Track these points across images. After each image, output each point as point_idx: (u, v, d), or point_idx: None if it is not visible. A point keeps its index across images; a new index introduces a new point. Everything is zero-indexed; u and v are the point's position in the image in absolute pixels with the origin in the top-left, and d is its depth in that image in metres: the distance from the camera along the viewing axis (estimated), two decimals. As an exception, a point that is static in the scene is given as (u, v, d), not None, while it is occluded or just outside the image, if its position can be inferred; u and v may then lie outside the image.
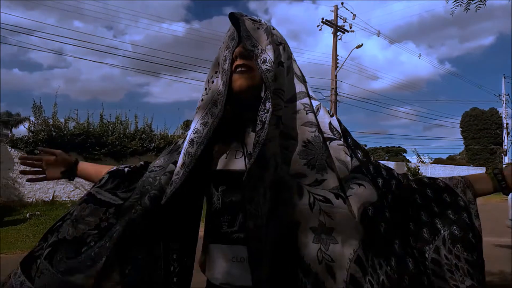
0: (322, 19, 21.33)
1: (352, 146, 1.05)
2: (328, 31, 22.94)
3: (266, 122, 0.91)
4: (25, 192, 11.98)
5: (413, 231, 1.00)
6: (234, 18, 1.02)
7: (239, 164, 1.03)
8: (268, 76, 0.95)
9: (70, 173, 1.35)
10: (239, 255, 0.98)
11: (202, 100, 1.06)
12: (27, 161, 1.41)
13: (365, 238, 0.92)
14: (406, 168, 25.30)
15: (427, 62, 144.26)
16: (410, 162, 29.50)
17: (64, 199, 12.50)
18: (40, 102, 12.70)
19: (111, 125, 13.50)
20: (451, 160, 42.10)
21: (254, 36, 0.99)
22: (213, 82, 1.05)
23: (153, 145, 13.70)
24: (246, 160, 1.02)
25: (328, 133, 1.02)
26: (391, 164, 25.39)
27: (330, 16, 21.61)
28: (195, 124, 1.04)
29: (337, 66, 21.10)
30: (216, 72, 1.05)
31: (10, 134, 20.17)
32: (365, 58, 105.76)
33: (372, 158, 1.07)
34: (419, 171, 25.32)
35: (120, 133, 13.37)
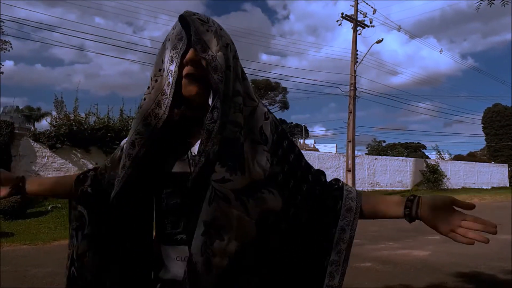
0: (342, 14, 21.12)
1: (287, 149, 1.08)
2: (347, 26, 22.70)
3: (214, 132, 0.93)
4: (47, 185, 12.23)
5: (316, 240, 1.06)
6: (183, 19, 0.99)
7: (183, 166, 1.04)
8: (219, 87, 0.94)
9: (17, 191, 1.25)
10: (182, 256, 1.01)
11: (144, 99, 1.03)
12: None
13: (252, 242, 0.96)
14: (425, 165, 24.96)
15: (448, 57, 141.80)
16: (429, 158, 29.06)
17: (84, 192, 12.71)
18: (62, 97, 12.99)
19: (131, 120, 13.66)
20: (472, 157, 41.26)
21: (205, 39, 0.96)
22: (156, 81, 1.02)
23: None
24: (191, 162, 1.03)
25: (256, 137, 1.02)
26: (410, 161, 25.06)
27: (350, 11, 21.39)
28: (136, 125, 1.02)
29: (357, 61, 20.87)
30: (160, 70, 1.02)
31: (32, 128, 20.59)
32: (384, 53, 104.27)
33: (303, 163, 1.11)
34: (439, 168, 24.94)
35: (139, 127, 13.50)
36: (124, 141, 1.11)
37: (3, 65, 19.73)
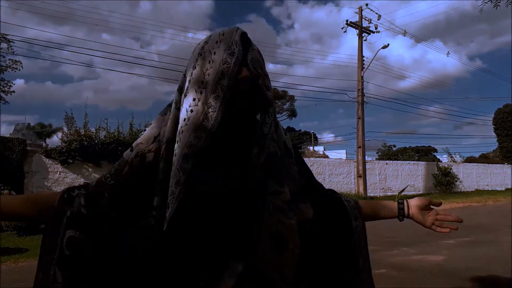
0: (347, 21, 21.17)
1: (299, 163, 1.12)
2: (352, 32, 22.77)
3: (265, 146, 0.98)
4: (60, 200, 12.35)
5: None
6: (246, 39, 1.00)
7: (230, 184, 0.98)
8: (272, 103, 1.01)
9: None
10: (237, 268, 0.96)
11: (191, 111, 0.96)
12: None
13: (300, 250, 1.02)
14: (436, 168, 24.71)
15: (456, 59, 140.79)
16: (441, 161, 28.77)
17: (96, 206, 12.80)
18: (72, 113, 13.11)
19: (141, 133, 13.75)
20: (484, 159, 40.78)
21: (254, 58, 0.99)
22: (201, 93, 0.97)
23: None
24: (240, 176, 0.98)
25: (284, 151, 1.07)
26: (422, 164, 24.84)
27: (355, 18, 21.43)
28: (187, 138, 0.94)
29: (363, 67, 20.85)
30: (202, 83, 0.97)
31: (44, 144, 20.84)
32: (391, 58, 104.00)
33: (311, 173, 1.18)
34: (451, 170, 24.67)
35: (148, 140, 13.62)
36: (127, 152, 1.02)
37: (14, 84, 20.10)
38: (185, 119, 0.95)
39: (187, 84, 0.99)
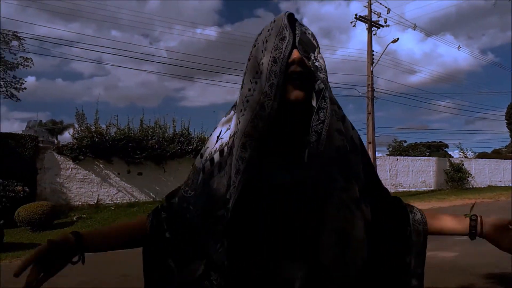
0: (356, 15, 21.00)
1: (365, 162, 1.05)
2: (361, 27, 22.49)
3: (323, 133, 0.91)
4: (72, 196, 12.50)
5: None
6: (293, 19, 0.98)
7: (293, 174, 0.95)
8: (326, 85, 0.94)
9: (77, 252, 1.02)
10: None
11: (247, 101, 0.95)
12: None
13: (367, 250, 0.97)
14: (448, 164, 24.49)
15: (467, 53, 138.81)
16: (453, 157, 28.50)
17: (107, 202, 12.94)
18: (82, 110, 13.25)
19: (151, 130, 13.85)
20: (497, 154, 40.28)
21: (306, 41, 0.96)
22: (256, 83, 0.95)
23: (191, 147, 13.94)
24: (297, 171, 0.95)
25: (351, 146, 1.01)
26: (433, 160, 24.64)
27: (364, 12, 21.25)
28: (244, 127, 0.94)
29: (373, 62, 20.68)
30: (257, 72, 0.96)
31: (56, 141, 21.06)
32: (401, 52, 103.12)
33: (375, 176, 1.10)
34: (463, 166, 24.43)
35: (159, 137, 13.71)
36: (198, 160, 1.03)
37: (25, 81, 20.32)
38: (241, 109, 0.96)
39: (243, 77, 1.00)
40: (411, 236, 1.05)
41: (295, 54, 0.94)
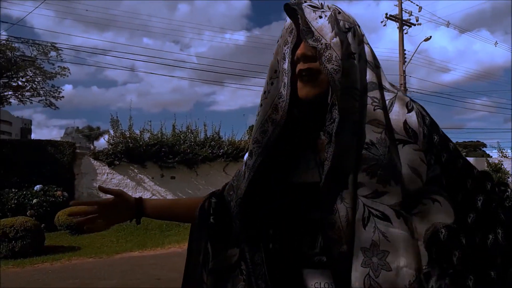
0: (386, 14, 20.64)
1: (438, 146, 0.84)
2: (392, 26, 22.17)
3: (333, 134, 0.80)
4: (108, 201, 12.80)
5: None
6: (291, 10, 0.88)
7: (313, 175, 0.89)
8: (335, 78, 0.80)
9: (135, 214, 1.14)
10: (322, 281, 0.85)
11: (261, 105, 0.92)
12: (77, 211, 1.18)
13: (429, 268, 0.76)
14: (486, 164, 23.62)
15: (504, 49, 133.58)
16: (491, 157, 27.46)
17: (142, 206, 13.18)
18: (117, 116, 13.57)
19: (183, 134, 14.06)
20: (539, 153, 38.52)
21: (316, 27, 0.83)
22: (272, 84, 0.91)
23: (222, 151, 14.04)
24: (320, 170, 0.87)
25: (402, 135, 0.83)
26: (470, 160, 23.78)
27: (394, 11, 20.86)
28: (254, 134, 0.92)
29: (405, 61, 20.27)
30: (275, 72, 0.91)
31: (92, 147, 21.71)
32: (433, 50, 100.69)
33: (460, 163, 0.85)
34: (502, 166, 23.50)
35: (191, 141, 13.89)
36: (246, 155, 1.00)
37: (63, 90, 21.10)
38: (257, 114, 0.93)
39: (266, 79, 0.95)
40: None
41: (300, 48, 0.88)
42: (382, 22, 20.86)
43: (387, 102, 0.86)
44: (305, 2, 0.87)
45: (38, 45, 18.67)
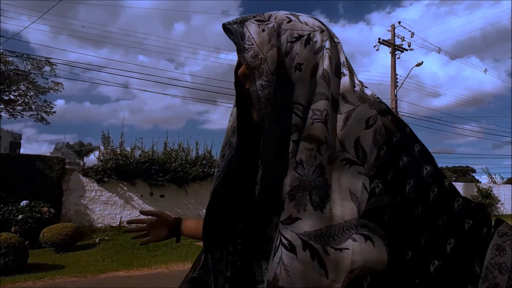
0: (379, 39, 21.04)
1: (404, 171, 0.71)
2: (385, 50, 22.55)
3: (264, 165, 0.75)
4: (95, 218, 12.64)
5: None
6: (226, 29, 0.81)
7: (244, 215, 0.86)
8: (260, 95, 0.73)
9: (174, 233, 1.27)
10: None
11: (227, 129, 0.91)
12: (133, 225, 1.37)
13: None
14: (476, 189, 23.78)
15: (494, 76, 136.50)
16: (480, 182, 27.67)
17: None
18: (108, 133, 13.53)
19: (174, 152, 14.01)
20: (528, 180, 38.91)
21: (257, 42, 0.75)
22: (235, 106, 0.89)
23: (213, 170, 13.98)
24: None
25: (351, 154, 0.70)
26: (459, 185, 23.99)
27: (387, 36, 21.28)
28: (218, 158, 0.92)
29: (397, 85, 20.57)
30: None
31: (81, 163, 21.54)
32: (424, 75, 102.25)
33: (435, 192, 0.70)
34: (492, 192, 23.67)
35: (182, 159, 13.84)
36: None
37: (55, 105, 21.02)
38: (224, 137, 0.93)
39: None
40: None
41: (241, 69, 0.83)
42: (375, 46, 21.27)
43: (342, 115, 0.74)
44: (254, 17, 0.80)
45: (32, 60, 18.69)
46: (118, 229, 12.35)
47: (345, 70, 0.79)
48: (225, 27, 0.81)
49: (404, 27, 21.58)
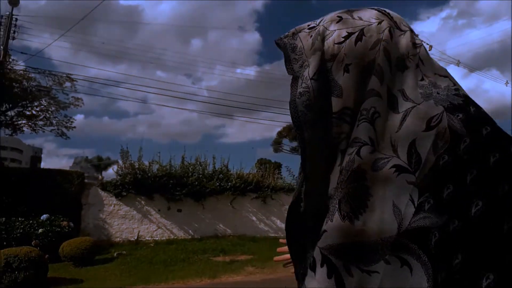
0: (396, 52, 20.93)
1: (472, 187, 0.55)
2: (402, 63, 22.32)
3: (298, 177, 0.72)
4: (113, 232, 12.71)
5: None
6: (278, 45, 0.76)
7: None
8: (297, 102, 0.67)
9: None
10: None
11: None
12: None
13: None
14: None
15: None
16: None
17: (147, 238, 13.05)
18: (127, 147, 13.68)
19: (191, 167, 14.06)
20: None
21: (305, 50, 0.70)
22: None
23: (230, 184, 13.97)
24: None
25: (403, 160, 0.59)
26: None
27: (404, 49, 21.15)
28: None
29: (414, 99, 20.37)
30: None
31: (100, 177, 21.82)
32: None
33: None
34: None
35: (199, 173, 13.87)
36: None
37: (75, 120, 21.42)
38: None
39: None
40: None
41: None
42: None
43: (399, 115, 0.63)
44: (308, 26, 0.73)
45: (54, 76, 19.14)
46: (135, 243, 12.39)
47: (410, 62, 0.68)
48: (277, 43, 0.75)
49: (423, 41, 21.42)
